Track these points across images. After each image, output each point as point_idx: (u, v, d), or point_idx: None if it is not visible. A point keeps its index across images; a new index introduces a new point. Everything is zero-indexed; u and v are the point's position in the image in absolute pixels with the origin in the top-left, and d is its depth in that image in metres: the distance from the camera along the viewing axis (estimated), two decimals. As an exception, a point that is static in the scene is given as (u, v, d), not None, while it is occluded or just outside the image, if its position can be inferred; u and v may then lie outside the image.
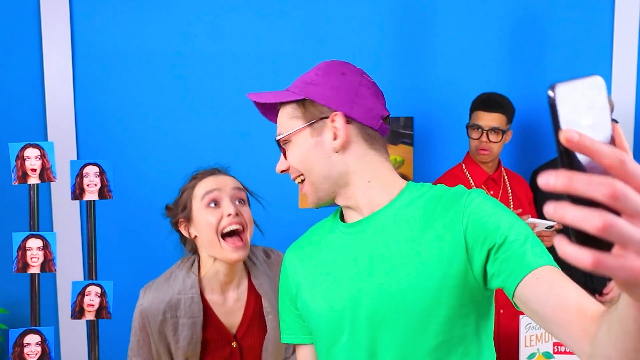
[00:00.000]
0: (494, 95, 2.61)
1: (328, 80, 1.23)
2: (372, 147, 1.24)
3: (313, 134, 1.23)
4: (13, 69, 2.45)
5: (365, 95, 1.23)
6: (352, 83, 1.23)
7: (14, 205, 2.44)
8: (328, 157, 1.22)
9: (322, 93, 1.22)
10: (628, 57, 3.26)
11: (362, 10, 2.86)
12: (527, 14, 3.16)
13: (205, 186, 1.70)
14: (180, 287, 1.72)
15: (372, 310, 1.18)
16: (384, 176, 1.24)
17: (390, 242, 1.19)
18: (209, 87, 2.68)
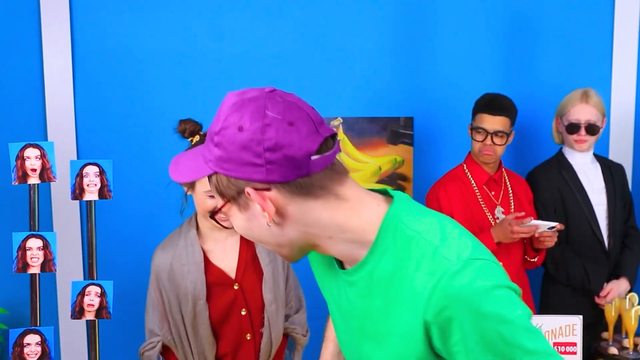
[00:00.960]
0: (498, 97, 2.59)
1: (230, 141, 0.95)
2: (311, 197, 0.98)
3: (241, 210, 1.00)
4: (13, 69, 2.45)
5: (277, 144, 0.93)
6: (254, 137, 0.93)
7: (14, 205, 2.44)
8: (269, 229, 1.00)
9: (227, 161, 0.96)
10: (628, 57, 3.26)
11: (362, 11, 2.86)
12: (528, 15, 3.15)
13: (207, 185, 1.85)
14: (182, 240, 2.02)
15: None
16: (345, 225, 1.01)
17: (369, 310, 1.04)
18: (209, 87, 2.68)
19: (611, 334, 2.55)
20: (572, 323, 2.29)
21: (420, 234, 0.99)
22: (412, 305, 0.96)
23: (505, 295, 0.95)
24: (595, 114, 2.68)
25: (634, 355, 2.43)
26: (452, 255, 0.95)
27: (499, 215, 2.60)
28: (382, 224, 1.00)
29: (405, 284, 0.98)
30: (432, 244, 0.97)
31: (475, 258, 0.96)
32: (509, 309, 0.94)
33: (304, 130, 0.95)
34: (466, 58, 3.04)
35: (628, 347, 2.47)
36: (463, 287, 0.93)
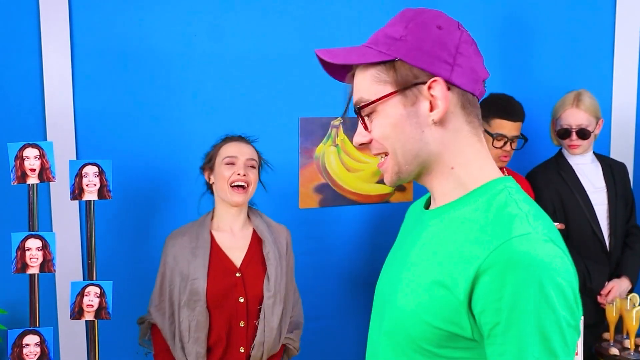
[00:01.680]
0: (512, 101, 2.57)
1: (422, 36, 1.00)
2: (468, 120, 1.03)
3: (406, 103, 1.01)
4: (12, 68, 2.44)
5: (467, 54, 1.00)
6: (452, 39, 0.99)
7: (13, 205, 2.43)
8: (421, 132, 1.01)
9: (416, 52, 0.99)
10: (629, 58, 3.26)
11: (362, 10, 2.85)
12: (528, 15, 3.15)
13: (228, 150, 2.20)
14: (196, 225, 2.24)
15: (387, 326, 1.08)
16: (469, 163, 1.03)
17: (426, 256, 1.02)
18: (209, 87, 2.67)
19: (612, 334, 2.54)
20: (573, 324, 2.28)
21: (517, 202, 0.98)
22: (474, 255, 0.93)
23: (566, 290, 0.91)
24: (586, 118, 2.67)
25: (635, 355, 2.43)
26: (537, 227, 0.94)
27: None
28: (491, 181, 1.02)
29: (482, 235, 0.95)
30: (523, 212, 0.96)
31: (556, 243, 0.94)
32: (561, 303, 0.90)
33: (481, 57, 1.04)
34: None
35: (629, 347, 2.47)
36: (536, 254, 0.90)
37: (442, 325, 0.96)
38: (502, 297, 0.89)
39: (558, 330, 0.89)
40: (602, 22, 3.25)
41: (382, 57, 1.02)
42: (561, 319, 0.90)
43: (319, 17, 2.80)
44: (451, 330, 0.96)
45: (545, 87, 3.18)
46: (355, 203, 2.93)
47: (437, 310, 0.97)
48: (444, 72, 0.99)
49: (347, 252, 2.95)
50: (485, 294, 0.91)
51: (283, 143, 2.77)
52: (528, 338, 0.88)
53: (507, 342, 0.90)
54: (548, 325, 0.88)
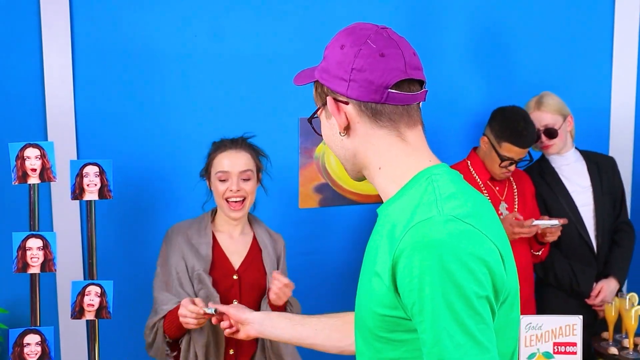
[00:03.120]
0: (528, 128, 2.53)
1: (330, 56, 1.14)
2: (380, 125, 1.11)
3: (327, 117, 1.18)
4: (13, 68, 2.44)
5: (363, 67, 1.09)
6: (349, 56, 1.10)
7: (14, 205, 2.44)
8: (340, 141, 1.16)
9: (324, 73, 1.15)
10: (628, 57, 3.26)
11: (362, 10, 2.86)
12: (528, 15, 3.15)
13: (220, 163, 2.14)
14: (197, 222, 2.23)
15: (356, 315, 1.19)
16: (393, 161, 1.13)
17: (371, 249, 1.13)
18: (209, 87, 2.68)
19: (611, 334, 2.55)
20: (572, 323, 2.29)
21: (435, 188, 1.07)
22: (392, 244, 1.03)
23: (470, 264, 0.98)
24: (550, 117, 2.67)
25: (634, 355, 2.44)
26: (444, 208, 1.02)
27: (503, 211, 2.61)
28: (418, 173, 1.11)
29: (398, 225, 1.05)
30: (436, 197, 1.05)
31: (462, 220, 1.01)
32: (465, 277, 0.97)
33: (391, 65, 1.09)
34: (466, 57, 3.04)
35: (628, 347, 2.47)
36: (435, 234, 0.98)
37: (386, 312, 1.06)
38: (411, 279, 0.99)
39: (465, 303, 0.96)
40: (601, 21, 3.26)
41: (310, 79, 1.20)
42: (468, 291, 0.96)
43: (319, 17, 2.80)
44: (394, 314, 1.05)
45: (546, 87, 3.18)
46: (355, 203, 2.93)
47: (378, 298, 1.06)
48: (342, 89, 1.11)
49: (347, 252, 2.95)
50: (400, 279, 1.01)
51: (283, 143, 2.77)
52: (439, 315, 0.96)
53: (423, 321, 0.99)
54: (454, 300, 0.96)
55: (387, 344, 1.09)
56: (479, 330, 0.97)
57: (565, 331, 2.29)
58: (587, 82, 2.92)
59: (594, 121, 3.24)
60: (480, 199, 1.13)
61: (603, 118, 3.29)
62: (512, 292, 1.08)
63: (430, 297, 0.97)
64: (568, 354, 2.29)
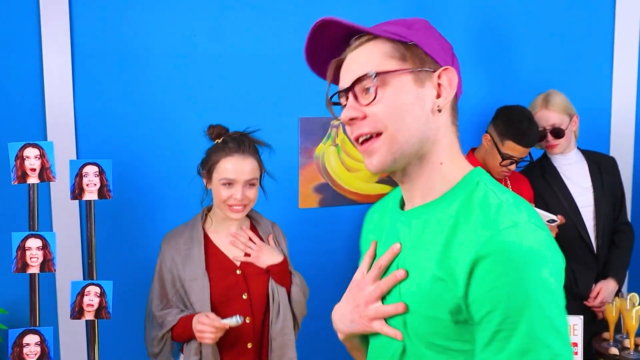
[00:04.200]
0: (532, 127, 2.55)
1: (429, 34, 1.06)
2: (452, 119, 1.08)
3: (416, 83, 1.02)
4: (12, 68, 2.44)
5: (455, 62, 1.08)
6: (449, 46, 1.08)
7: (13, 205, 2.43)
8: (427, 116, 1.03)
9: (430, 44, 1.05)
10: (629, 58, 3.26)
11: (362, 10, 2.85)
12: (529, 14, 3.15)
13: (226, 169, 2.06)
14: (189, 226, 2.18)
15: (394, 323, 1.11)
16: (453, 161, 1.07)
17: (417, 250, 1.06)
18: (208, 87, 2.67)
19: (612, 334, 2.54)
20: (573, 323, 2.29)
21: (494, 192, 1.02)
22: (466, 247, 0.96)
23: (558, 273, 0.96)
24: (558, 117, 2.67)
25: (635, 355, 2.43)
26: (523, 215, 0.97)
27: None
28: (467, 175, 1.06)
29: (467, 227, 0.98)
30: (508, 202, 0.99)
31: (545, 230, 0.98)
32: (557, 285, 0.94)
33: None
34: (467, 57, 3.04)
35: (629, 347, 2.47)
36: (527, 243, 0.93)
37: (447, 317, 0.99)
38: (497, 286, 0.92)
39: (559, 311, 0.94)
40: (601, 21, 3.25)
41: (399, 37, 1.04)
42: (560, 301, 0.94)
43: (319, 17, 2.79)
44: (455, 319, 0.99)
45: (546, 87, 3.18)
46: (355, 203, 2.93)
47: (440, 303, 1.00)
48: (452, 65, 1.06)
49: (347, 252, 2.95)
50: (479, 283, 0.94)
51: (283, 143, 2.77)
52: (537, 323, 0.91)
53: (510, 329, 0.92)
54: (550, 309, 0.92)
55: (444, 354, 1.02)
56: (569, 341, 0.96)
57: (565, 331, 2.29)
58: (588, 83, 2.92)
59: (595, 121, 3.24)
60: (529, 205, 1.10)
61: (604, 118, 3.29)
62: None
63: (525, 304, 0.91)
64: (569, 354, 2.28)
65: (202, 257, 2.12)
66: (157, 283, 2.17)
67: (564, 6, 3.18)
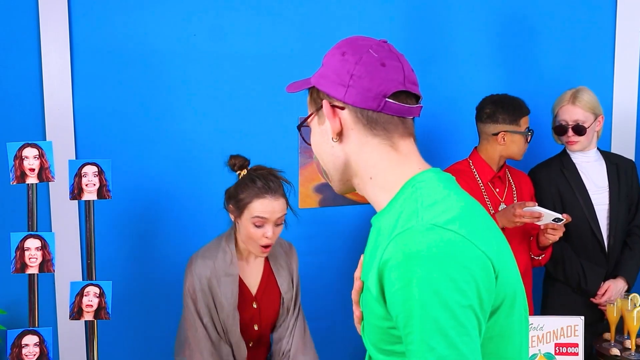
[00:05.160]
0: (515, 98, 2.62)
1: (329, 63, 1.14)
2: (373, 133, 1.11)
3: (319, 122, 1.16)
4: (11, 68, 2.43)
5: (363, 74, 1.09)
6: (350, 62, 1.10)
7: (12, 205, 2.43)
8: (332, 147, 1.14)
9: (323, 78, 1.14)
10: (630, 56, 3.25)
11: (363, 10, 2.85)
12: (530, 14, 3.15)
13: (259, 209, 2.07)
14: (222, 252, 2.14)
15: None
16: (384, 171, 1.12)
17: (366, 258, 1.13)
18: (208, 87, 2.67)
19: (613, 334, 2.54)
20: (574, 324, 2.29)
21: (418, 197, 1.05)
22: (378, 256, 1.03)
23: (451, 273, 0.96)
24: (582, 114, 2.67)
25: (636, 356, 2.42)
26: (424, 216, 1.01)
27: None
28: (406, 182, 1.10)
29: (383, 236, 1.05)
30: (417, 205, 1.03)
31: (444, 227, 0.99)
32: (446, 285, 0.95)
33: (391, 75, 1.10)
34: (469, 56, 3.04)
35: (630, 347, 2.46)
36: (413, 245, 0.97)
37: (382, 324, 1.05)
38: (395, 291, 0.98)
39: (448, 313, 0.94)
40: (603, 20, 3.25)
41: (306, 85, 1.18)
42: (450, 301, 0.94)
43: (319, 17, 2.79)
44: (389, 325, 1.03)
45: (546, 86, 3.17)
46: (355, 203, 2.92)
47: (372, 310, 1.06)
48: (339, 94, 1.11)
49: (347, 252, 2.94)
50: (386, 290, 1.00)
51: (283, 143, 2.77)
52: (422, 327, 0.95)
53: (408, 333, 0.97)
54: (437, 311, 0.94)
55: (391, 356, 1.07)
56: (462, 342, 0.95)
57: (566, 332, 2.28)
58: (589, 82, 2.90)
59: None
60: (470, 203, 1.10)
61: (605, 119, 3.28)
62: (510, 296, 1.05)
63: (412, 308, 0.96)
64: (570, 355, 2.28)
65: (235, 288, 2.12)
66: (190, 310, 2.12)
67: (564, 6, 3.18)
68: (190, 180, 2.65)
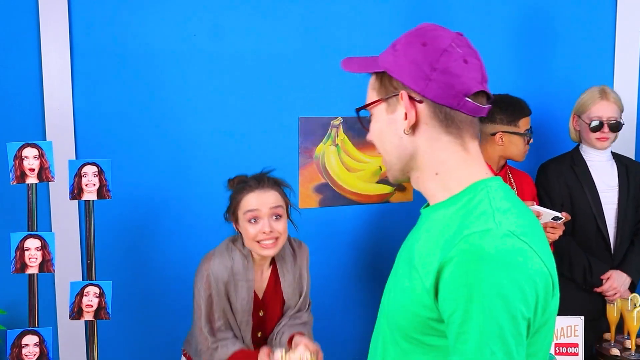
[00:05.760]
0: (517, 98, 2.61)
1: (408, 52, 1.09)
2: (447, 131, 1.09)
3: (388, 110, 1.12)
4: (11, 68, 2.43)
5: (447, 70, 1.06)
6: (432, 55, 1.07)
7: (12, 205, 2.42)
8: (400, 138, 1.11)
9: (399, 66, 1.10)
10: (630, 57, 3.25)
11: (363, 9, 2.85)
12: (530, 14, 3.15)
13: (248, 203, 2.04)
14: (239, 257, 2.09)
15: (384, 311, 1.18)
16: (452, 170, 1.10)
17: (414, 248, 1.11)
18: (208, 87, 2.66)
19: (613, 334, 2.54)
20: (574, 324, 2.28)
21: (491, 199, 1.05)
22: (443, 249, 1.01)
23: (522, 283, 0.95)
24: (616, 110, 2.71)
25: (636, 356, 2.43)
26: (502, 222, 1.00)
27: None
28: (475, 183, 1.09)
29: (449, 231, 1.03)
30: (493, 209, 1.03)
31: (519, 237, 0.98)
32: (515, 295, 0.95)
33: (472, 74, 1.08)
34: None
35: (630, 348, 2.46)
36: (491, 248, 0.96)
37: (422, 312, 1.04)
38: (458, 287, 0.96)
39: (512, 321, 0.94)
40: (603, 20, 3.25)
41: (375, 68, 1.14)
42: (515, 310, 0.95)
43: (319, 17, 2.79)
44: (430, 316, 1.03)
45: (546, 86, 3.18)
46: (355, 203, 2.92)
47: (416, 297, 1.05)
48: (418, 87, 1.08)
49: (347, 252, 2.94)
50: (445, 284, 0.99)
51: (283, 143, 2.76)
52: (484, 329, 0.94)
53: (466, 332, 0.96)
54: (502, 317, 0.94)
55: (418, 347, 1.07)
56: (517, 352, 0.95)
57: (566, 332, 2.28)
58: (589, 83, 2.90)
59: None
60: (532, 217, 1.10)
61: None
62: (553, 317, 1.06)
63: (478, 309, 0.95)
64: (570, 355, 2.28)
65: (251, 299, 2.10)
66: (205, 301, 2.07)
67: (565, 8, 3.18)
68: (190, 180, 2.65)
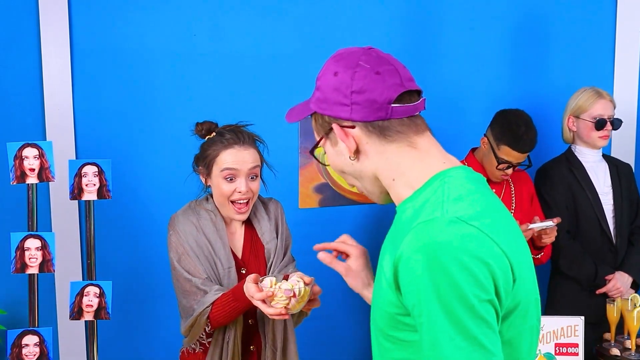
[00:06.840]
0: (528, 132, 2.49)
1: (325, 85, 1.14)
2: (389, 140, 1.11)
3: (332, 145, 1.17)
4: (12, 68, 2.43)
5: (362, 88, 1.09)
6: (345, 81, 1.11)
7: (12, 205, 2.43)
8: (352, 164, 1.16)
9: (324, 101, 1.14)
10: (630, 56, 3.25)
11: (363, 9, 2.85)
12: (530, 14, 3.15)
13: (226, 160, 1.92)
14: (204, 213, 2.00)
15: (370, 313, 1.19)
16: (408, 170, 1.12)
17: (383, 247, 1.14)
18: (208, 87, 2.67)
19: (613, 335, 2.54)
20: (574, 324, 2.28)
21: (444, 190, 1.05)
22: (396, 243, 1.04)
23: (472, 267, 0.96)
24: (613, 109, 2.73)
25: (636, 356, 2.43)
26: (448, 209, 1.01)
27: None
28: (432, 176, 1.10)
29: (404, 225, 1.06)
30: (443, 197, 1.04)
31: (466, 222, 0.99)
32: (467, 279, 0.95)
33: (388, 81, 1.10)
34: (470, 57, 3.03)
35: (630, 348, 2.46)
36: (435, 236, 0.97)
37: (391, 309, 1.06)
38: (411, 280, 0.98)
39: (466, 306, 0.94)
40: (603, 20, 3.25)
41: (307, 112, 1.19)
42: (469, 294, 0.94)
43: (318, 17, 2.79)
44: (398, 312, 1.05)
45: (546, 86, 3.17)
46: (355, 203, 2.92)
47: (384, 296, 1.06)
48: (345, 114, 1.11)
49: (347, 252, 2.94)
50: (402, 278, 1.01)
51: (283, 143, 2.76)
52: (437, 317, 0.95)
53: (422, 323, 0.98)
54: (454, 303, 0.94)
55: (395, 344, 1.08)
56: (482, 334, 0.95)
57: (566, 332, 2.28)
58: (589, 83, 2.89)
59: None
60: (496, 204, 1.10)
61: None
62: (524, 303, 1.05)
63: (429, 298, 0.96)
64: (570, 355, 2.28)
65: (229, 250, 1.98)
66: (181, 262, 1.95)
67: (565, 6, 3.18)
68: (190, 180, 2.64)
